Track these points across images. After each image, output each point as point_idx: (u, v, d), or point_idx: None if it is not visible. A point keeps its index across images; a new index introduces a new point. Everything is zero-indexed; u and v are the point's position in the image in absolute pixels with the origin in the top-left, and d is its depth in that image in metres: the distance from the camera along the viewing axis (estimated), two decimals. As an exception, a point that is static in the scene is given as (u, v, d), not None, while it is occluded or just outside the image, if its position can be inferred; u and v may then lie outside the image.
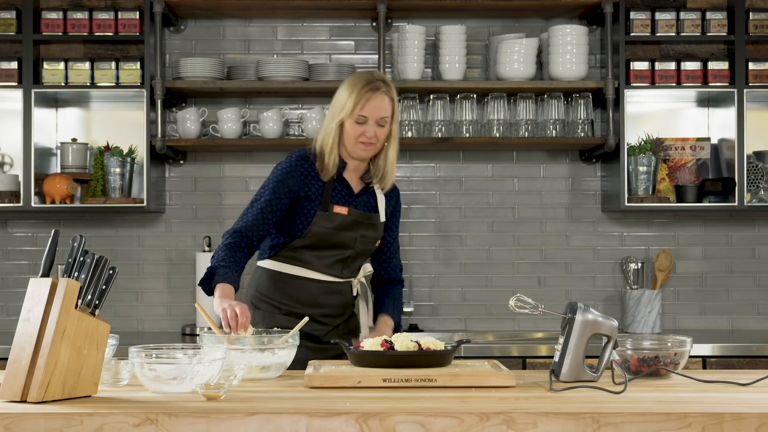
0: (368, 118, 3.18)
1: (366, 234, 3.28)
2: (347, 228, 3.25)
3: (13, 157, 4.53)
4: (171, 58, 4.60)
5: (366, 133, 3.18)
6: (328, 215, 3.23)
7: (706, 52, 4.59)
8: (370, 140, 3.20)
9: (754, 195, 4.44)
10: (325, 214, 3.23)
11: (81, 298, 2.34)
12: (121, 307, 4.60)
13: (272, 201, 3.21)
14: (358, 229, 3.27)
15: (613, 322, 2.60)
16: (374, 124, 3.19)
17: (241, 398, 2.33)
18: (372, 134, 3.19)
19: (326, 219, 3.23)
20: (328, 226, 3.23)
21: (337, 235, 3.24)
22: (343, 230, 3.25)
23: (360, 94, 3.17)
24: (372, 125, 3.19)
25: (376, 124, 3.19)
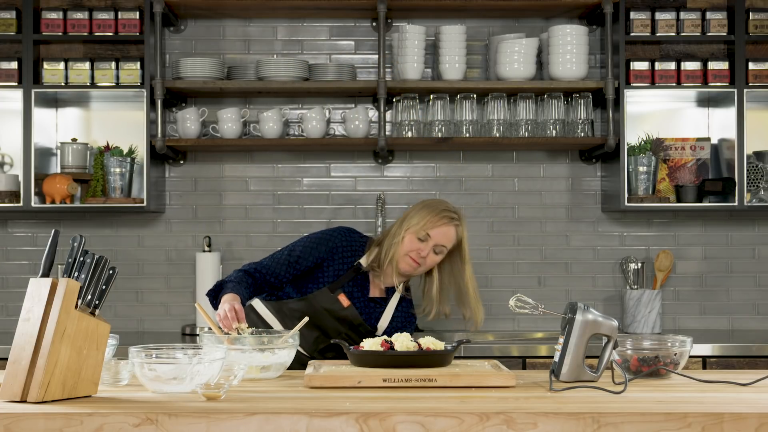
0: (430, 238, 3.28)
1: (351, 336, 3.29)
2: (338, 319, 3.27)
3: (13, 157, 4.53)
4: (171, 58, 4.60)
5: (421, 251, 3.28)
6: (331, 297, 3.27)
7: (706, 52, 4.59)
8: (420, 259, 3.28)
9: (754, 195, 4.44)
10: (330, 294, 3.28)
11: (81, 298, 2.34)
12: (121, 307, 4.60)
13: (300, 256, 3.30)
14: (347, 328, 3.28)
15: (613, 322, 2.60)
16: (432, 248, 3.28)
17: (241, 398, 2.33)
18: (425, 254, 3.28)
19: (327, 299, 3.27)
20: (323, 306, 3.26)
21: (326, 319, 3.26)
22: (334, 319, 3.27)
23: (437, 217, 3.28)
24: (429, 248, 3.28)
25: (433, 250, 3.29)
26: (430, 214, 3.29)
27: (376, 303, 3.36)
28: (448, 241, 3.30)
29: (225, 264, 4.54)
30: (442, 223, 3.28)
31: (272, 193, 4.64)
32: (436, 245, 3.29)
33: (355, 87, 4.42)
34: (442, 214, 3.29)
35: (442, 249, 3.30)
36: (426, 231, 3.27)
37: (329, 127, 4.55)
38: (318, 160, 4.65)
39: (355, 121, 4.45)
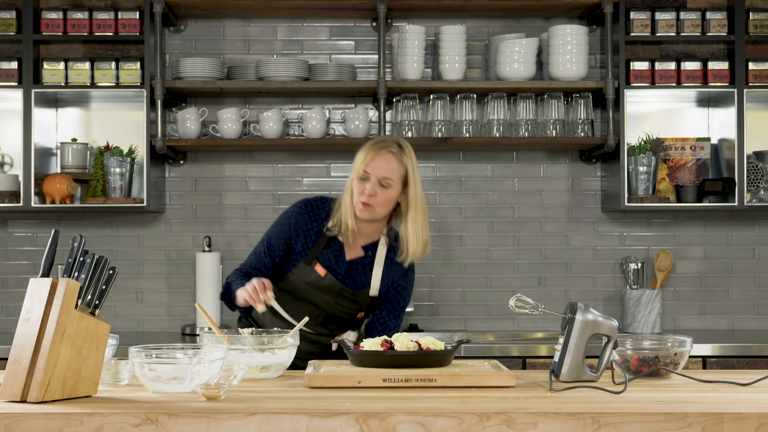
0: (370, 175, 3.10)
1: (343, 304, 3.21)
2: (321, 290, 3.19)
3: (13, 157, 4.53)
4: (171, 58, 4.60)
5: (365, 189, 3.09)
6: (308, 270, 3.18)
7: (706, 52, 4.59)
8: (368, 200, 3.09)
9: (754, 195, 4.44)
10: (306, 267, 3.19)
11: (81, 298, 2.34)
12: (121, 307, 4.60)
13: (272, 243, 3.23)
14: (335, 297, 3.20)
15: (613, 322, 2.60)
16: (376, 182, 3.10)
17: (241, 398, 2.33)
18: (371, 191, 3.08)
19: (305, 273, 3.19)
20: (304, 281, 3.19)
21: (311, 292, 3.19)
22: (317, 291, 3.19)
23: (368, 150, 3.11)
24: (374, 183, 3.10)
25: (378, 184, 3.10)
26: (366, 151, 3.12)
27: (358, 264, 3.22)
28: (388, 171, 3.09)
29: (225, 264, 4.54)
30: (378, 155, 3.09)
31: (272, 193, 4.64)
32: (380, 179, 3.08)
33: (355, 87, 4.42)
34: (378, 146, 3.12)
35: (387, 182, 3.09)
36: (364, 168, 3.09)
37: (329, 127, 4.55)
38: (318, 160, 4.65)
39: (355, 121, 4.45)
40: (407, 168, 3.13)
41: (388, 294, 3.27)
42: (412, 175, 3.14)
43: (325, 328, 3.24)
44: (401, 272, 3.27)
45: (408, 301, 3.32)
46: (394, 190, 3.11)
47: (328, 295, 3.19)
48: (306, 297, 3.20)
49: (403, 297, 3.29)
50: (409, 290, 3.31)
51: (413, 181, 3.14)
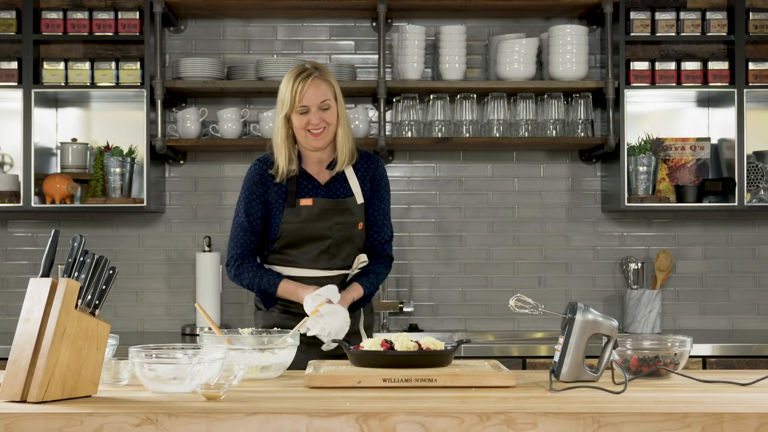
0: (309, 107, 3.20)
1: (341, 220, 3.26)
2: (317, 218, 3.25)
3: (13, 157, 4.53)
4: (171, 58, 4.60)
5: (311, 121, 3.20)
6: (295, 210, 3.24)
7: (706, 52, 4.59)
8: (318, 127, 3.21)
9: (754, 195, 4.44)
10: (293, 209, 3.24)
11: (81, 298, 2.34)
12: (121, 307, 4.60)
13: (249, 213, 3.28)
14: (331, 217, 3.25)
15: (613, 322, 2.60)
16: (317, 110, 3.20)
17: (241, 398, 2.33)
18: (317, 121, 3.20)
19: (294, 214, 3.24)
20: (296, 221, 3.24)
21: (308, 227, 3.24)
22: (314, 221, 3.24)
23: (295, 85, 3.20)
24: (315, 112, 3.20)
25: (319, 110, 3.21)
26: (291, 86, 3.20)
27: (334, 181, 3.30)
28: (322, 94, 3.21)
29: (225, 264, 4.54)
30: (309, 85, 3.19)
31: (272, 193, 4.64)
32: (319, 105, 3.20)
33: (355, 87, 4.42)
34: (302, 77, 3.20)
35: (327, 104, 3.21)
36: (299, 104, 3.20)
37: (329, 127, 4.55)
38: (318, 160, 4.65)
39: (355, 121, 4.45)
40: (333, 84, 3.25)
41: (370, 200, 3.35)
42: (336, 89, 3.26)
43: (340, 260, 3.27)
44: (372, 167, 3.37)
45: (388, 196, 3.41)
46: (333, 108, 3.24)
47: (325, 218, 3.25)
48: (306, 235, 3.24)
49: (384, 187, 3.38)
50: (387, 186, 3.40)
51: (338, 94, 3.27)
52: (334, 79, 3.27)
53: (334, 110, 3.24)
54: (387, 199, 3.39)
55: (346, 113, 3.30)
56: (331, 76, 3.26)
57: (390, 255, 3.40)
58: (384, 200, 3.38)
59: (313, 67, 3.25)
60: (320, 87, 3.21)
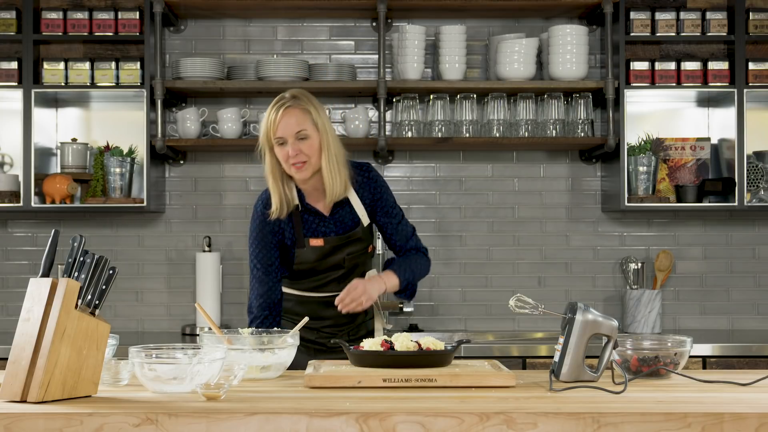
0: (285, 138, 3.07)
1: (352, 251, 3.22)
2: (330, 254, 3.20)
3: (13, 157, 4.53)
4: (171, 58, 4.60)
5: (289, 152, 3.07)
6: (305, 251, 3.18)
7: (706, 52, 4.59)
8: (297, 159, 3.07)
9: (754, 195, 4.44)
10: (303, 250, 3.18)
11: (81, 298, 2.34)
12: (121, 307, 4.60)
13: (262, 260, 3.19)
14: (343, 250, 3.21)
15: (613, 322, 2.60)
16: (294, 141, 3.07)
17: (241, 398, 2.33)
18: (294, 152, 3.06)
19: (305, 254, 3.18)
20: (310, 260, 3.19)
21: (322, 263, 3.21)
22: (327, 257, 3.20)
23: (270, 115, 3.09)
24: (292, 143, 3.07)
25: (296, 141, 3.07)
26: (267, 119, 3.08)
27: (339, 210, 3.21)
28: (298, 124, 3.06)
29: (225, 264, 4.54)
30: (282, 116, 3.06)
31: (272, 193, 4.64)
32: (296, 135, 3.06)
33: (355, 87, 4.42)
34: (275, 108, 3.08)
35: (304, 134, 3.07)
36: (275, 135, 3.07)
37: (329, 127, 4.55)
38: (318, 160, 4.65)
39: (355, 121, 4.45)
40: (311, 112, 3.10)
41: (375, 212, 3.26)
42: (318, 117, 3.10)
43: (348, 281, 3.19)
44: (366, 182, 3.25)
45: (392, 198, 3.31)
46: (313, 138, 3.09)
47: (338, 253, 3.20)
48: (320, 269, 3.21)
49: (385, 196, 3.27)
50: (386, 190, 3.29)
51: (320, 122, 3.10)
52: (316, 106, 3.12)
53: (314, 140, 3.09)
54: (392, 204, 3.30)
55: (333, 141, 3.13)
56: (311, 104, 3.11)
57: (418, 246, 3.31)
58: (389, 208, 3.28)
59: (291, 95, 3.12)
60: (295, 116, 3.07)
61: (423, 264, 3.30)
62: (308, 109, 3.10)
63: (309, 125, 3.09)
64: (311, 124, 3.09)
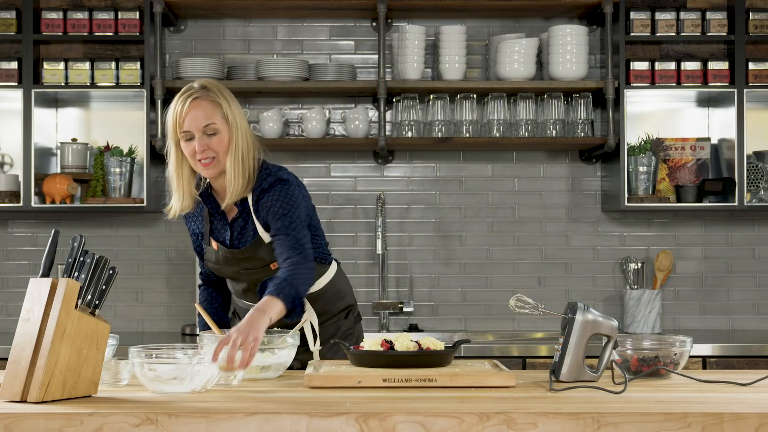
0: (192, 131, 2.82)
1: (248, 266, 2.94)
2: (225, 263, 2.97)
3: (13, 157, 4.53)
4: (171, 58, 4.61)
5: (197, 148, 2.82)
6: (210, 250, 3.01)
7: (706, 52, 4.59)
8: (205, 155, 2.83)
9: (754, 195, 4.44)
10: (208, 248, 3.01)
11: (81, 298, 2.34)
12: (121, 307, 4.60)
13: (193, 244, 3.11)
14: (237, 263, 2.95)
15: (613, 322, 2.60)
16: (202, 135, 2.82)
17: (241, 398, 2.33)
18: (201, 148, 2.81)
19: (210, 253, 3.01)
20: (212, 260, 3.01)
21: (222, 269, 3.00)
22: (224, 265, 2.98)
23: (176, 109, 2.83)
24: (200, 138, 2.82)
25: (204, 135, 2.82)
26: (173, 110, 2.83)
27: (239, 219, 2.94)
28: (205, 118, 2.80)
29: (225, 264, 4.54)
30: (189, 108, 2.80)
31: (272, 193, 4.64)
32: (204, 129, 2.81)
33: (355, 87, 4.42)
34: (183, 99, 2.82)
35: (213, 128, 2.81)
36: (181, 129, 2.82)
37: (329, 127, 4.55)
38: (318, 160, 4.65)
39: (355, 121, 4.45)
40: (221, 104, 2.84)
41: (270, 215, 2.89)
42: (228, 110, 2.85)
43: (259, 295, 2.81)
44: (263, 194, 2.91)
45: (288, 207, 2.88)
46: (223, 133, 2.84)
47: (233, 264, 2.95)
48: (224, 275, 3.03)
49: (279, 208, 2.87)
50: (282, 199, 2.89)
51: (231, 115, 2.85)
52: (227, 98, 2.86)
53: (224, 135, 2.83)
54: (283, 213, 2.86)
55: (242, 137, 2.87)
56: (222, 95, 2.85)
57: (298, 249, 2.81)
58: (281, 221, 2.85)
59: (201, 86, 2.85)
60: (204, 109, 2.81)
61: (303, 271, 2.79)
62: (218, 101, 2.84)
63: (219, 119, 2.83)
64: (221, 118, 2.83)
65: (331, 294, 3.12)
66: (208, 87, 2.86)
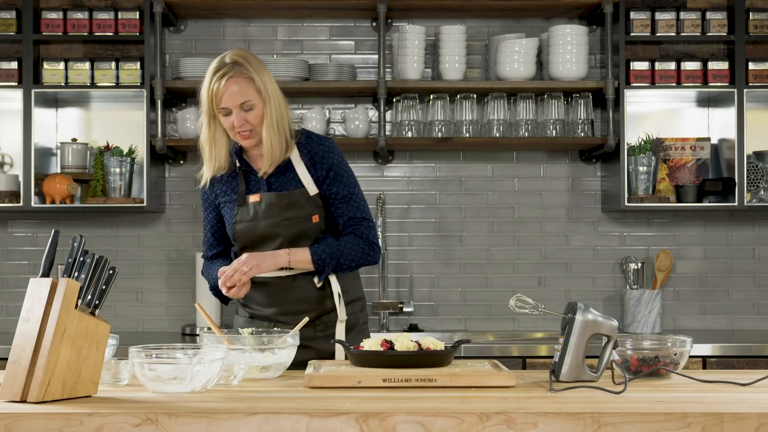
0: (230, 108, 2.98)
1: (290, 215, 3.04)
2: (266, 215, 3.05)
3: (13, 157, 4.53)
4: (171, 58, 4.61)
5: (234, 123, 2.99)
6: (245, 208, 3.08)
7: (706, 52, 4.59)
8: (243, 128, 2.99)
9: (754, 195, 4.44)
10: (243, 207, 3.09)
11: (81, 298, 2.34)
12: (121, 307, 4.60)
13: (207, 217, 3.21)
14: (279, 212, 3.04)
15: (613, 322, 2.60)
16: (239, 111, 2.98)
17: (241, 398, 2.33)
18: (240, 123, 2.98)
19: (245, 212, 3.08)
20: (246, 219, 3.07)
21: (258, 225, 3.06)
22: (263, 218, 3.05)
23: (212, 87, 2.96)
24: (237, 114, 2.98)
25: (241, 111, 2.98)
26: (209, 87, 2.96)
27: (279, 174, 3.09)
28: (241, 95, 2.95)
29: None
30: (225, 85, 2.94)
31: (272, 193, 4.64)
32: (241, 105, 2.96)
33: (355, 87, 4.42)
34: (218, 77, 2.95)
35: (249, 104, 2.97)
36: (218, 107, 2.98)
37: (329, 127, 4.55)
38: (318, 160, 4.65)
39: (355, 121, 4.45)
40: (255, 79, 2.98)
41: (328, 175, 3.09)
42: (260, 82, 2.98)
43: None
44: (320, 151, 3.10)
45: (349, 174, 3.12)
46: (258, 106, 2.99)
47: (275, 215, 3.05)
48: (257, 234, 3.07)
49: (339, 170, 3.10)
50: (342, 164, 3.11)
51: (263, 87, 2.99)
52: (258, 70, 2.99)
53: (258, 108, 2.98)
54: (346, 182, 3.10)
55: (276, 104, 3.01)
56: (253, 68, 2.98)
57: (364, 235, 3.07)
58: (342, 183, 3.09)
59: (232, 61, 2.98)
60: (239, 86, 2.96)
61: (355, 250, 3.04)
62: (251, 76, 2.97)
63: (253, 94, 2.98)
64: (255, 92, 2.98)
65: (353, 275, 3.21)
66: (239, 62, 2.98)
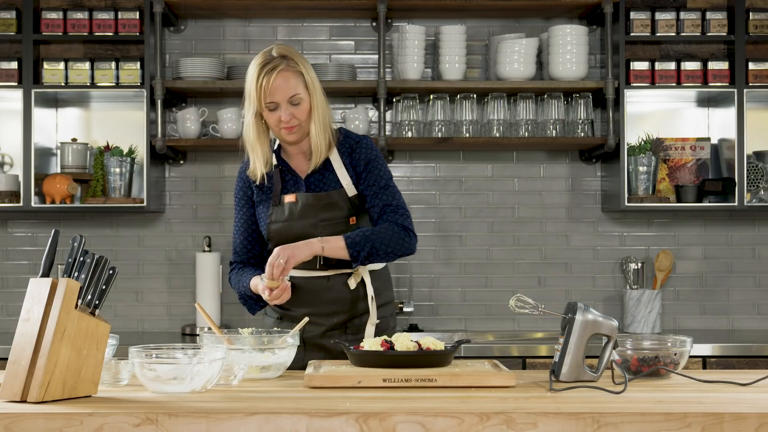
0: (278, 103, 2.97)
1: (327, 216, 3.03)
2: (302, 216, 3.04)
3: (13, 157, 4.53)
4: (171, 58, 4.61)
5: (282, 117, 2.97)
6: (280, 208, 3.07)
7: (706, 52, 4.60)
8: (290, 123, 2.98)
9: (754, 195, 4.44)
10: (279, 207, 3.07)
11: (81, 298, 2.34)
12: (121, 307, 4.60)
13: (241, 217, 3.17)
14: (316, 213, 3.03)
15: (613, 322, 2.60)
16: (287, 105, 2.97)
17: (241, 398, 2.33)
18: (288, 117, 2.96)
19: (280, 212, 3.07)
20: (281, 219, 3.06)
21: (293, 225, 3.05)
22: (299, 219, 3.04)
23: (260, 79, 2.94)
24: (285, 108, 2.96)
25: (289, 105, 2.97)
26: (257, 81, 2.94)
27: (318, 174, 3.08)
28: (290, 89, 2.94)
29: (225, 264, 4.54)
30: (274, 79, 2.93)
31: (272, 193, 4.64)
32: (289, 99, 2.96)
33: (355, 87, 4.42)
34: (266, 70, 2.94)
35: (297, 98, 2.96)
36: (266, 101, 2.96)
37: (329, 127, 4.55)
38: (318, 160, 4.65)
39: (355, 121, 4.45)
40: (303, 73, 2.98)
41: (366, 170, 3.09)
42: (308, 76, 2.99)
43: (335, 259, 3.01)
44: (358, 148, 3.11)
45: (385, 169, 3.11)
46: (305, 101, 2.99)
47: (311, 216, 3.04)
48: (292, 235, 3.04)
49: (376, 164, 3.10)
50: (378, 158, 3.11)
51: (310, 82, 3.00)
52: (305, 65, 3.00)
53: (306, 103, 2.98)
54: (383, 175, 3.09)
55: (321, 100, 3.02)
56: (301, 63, 2.98)
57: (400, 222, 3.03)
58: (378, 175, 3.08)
59: (280, 55, 2.96)
60: (288, 80, 2.95)
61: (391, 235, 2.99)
62: (300, 69, 2.97)
63: (302, 88, 2.98)
64: (303, 87, 2.98)
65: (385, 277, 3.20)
66: (287, 56, 2.97)
